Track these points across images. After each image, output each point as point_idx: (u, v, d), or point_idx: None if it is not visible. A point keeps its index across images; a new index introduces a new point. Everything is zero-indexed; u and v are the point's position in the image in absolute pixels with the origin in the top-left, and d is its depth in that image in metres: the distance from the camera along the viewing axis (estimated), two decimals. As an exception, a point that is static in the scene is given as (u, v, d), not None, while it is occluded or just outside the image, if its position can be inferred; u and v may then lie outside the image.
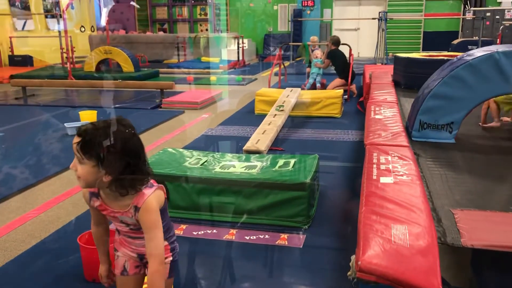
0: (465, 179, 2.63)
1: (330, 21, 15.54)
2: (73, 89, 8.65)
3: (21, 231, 2.86)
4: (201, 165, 3.17)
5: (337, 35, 8.23)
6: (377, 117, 3.91)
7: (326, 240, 2.67)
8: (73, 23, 14.02)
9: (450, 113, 3.37)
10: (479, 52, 3.39)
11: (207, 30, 16.81)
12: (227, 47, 14.33)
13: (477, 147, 3.37)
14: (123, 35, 14.84)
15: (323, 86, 8.04)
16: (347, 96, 7.27)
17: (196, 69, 11.76)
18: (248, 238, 2.69)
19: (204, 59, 13.20)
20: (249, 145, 4.11)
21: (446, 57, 5.64)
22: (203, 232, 2.78)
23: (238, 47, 12.76)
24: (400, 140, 3.15)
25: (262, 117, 5.32)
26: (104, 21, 10.94)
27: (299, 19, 14.45)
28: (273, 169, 3.04)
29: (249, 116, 6.23)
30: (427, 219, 1.88)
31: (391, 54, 11.78)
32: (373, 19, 12.21)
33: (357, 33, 15.62)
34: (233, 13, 16.60)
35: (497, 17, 13.40)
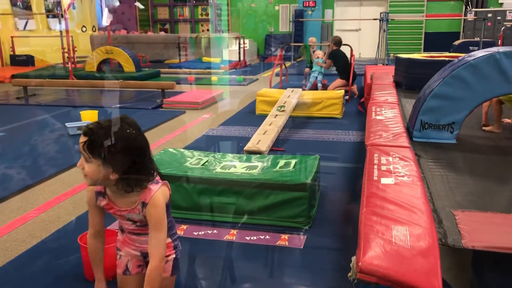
0: (466, 180, 2.62)
1: (331, 21, 15.54)
2: (74, 89, 8.66)
3: (21, 231, 2.86)
4: (202, 165, 3.17)
5: (338, 36, 8.22)
6: (378, 117, 3.90)
7: (326, 240, 2.67)
8: (74, 23, 14.03)
9: (451, 113, 3.37)
10: (480, 52, 3.40)
11: (208, 30, 16.83)
12: (228, 47, 14.33)
13: (478, 147, 3.36)
14: (125, 35, 14.85)
15: (324, 86, 8.04)
16: (348, 96, 7.26)
17: (197, 69, 11.76)
18: (248, 238, 2.69)
19: (205, 59, 13.21)
20: (250, 146, 4.11)
21: (447, 58, 5.64)
22: (203, 232, 2.78)
23: (239, 48, 12.77)
24: (401, 141, 3.15)
25: (263, 117, 5.31)
26: (107, 22, 10.93)
27: (300, 20, 14.46)
28: (274, 170, 3.04)
29: (250, 116, 6.23)
30: (428, 220, 1.87)
31: (392, 54, 11.78)
32: (374, 19, 12.20)
33: (358, 34, 15.61)
34: (234, 13, 16.61)
35: (499, 18, 13.39)
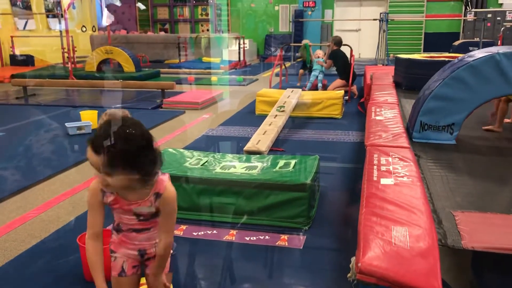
0: (466, 180, 2.62)
1: (331, 22, 15.54)
2: (74, 89, 8.66)
3: (21, 231, 2.86)
4: (202, 165, 3.17)
5: (339, 36, 8.22)
6: (377, 118, 3.90)
7: (326, 241, 2.67)
8: (74, 23, 14.02)
9: (451, 114, 3.37)
10: (480, 53, 3.39)
11: (208, 30, 16.82)
12: (228, 48, 14.33)
13: (478, 148, 3.36)
14: (124, 35, 14.85)
15: (324, 87, 8.04)
16: (348, 97, 7.26)
17: (197, 69, 11.75)
18: (248, 239, 2.69)
19: (205, 59, 13.21)
20: (250, 146, 4.11)
21: (447, 58, 5.64)
22: (203, 232, 2.78)
23: (239, 48, 12.76)
24: (400, 141, 3.15)
25: (262, 117, 5.31)
26: (108, 22, 10.91)
27: (300, 20, 14.46)
28: (274, 170, 3.04)
29: (250, 116, 6.22)
30: (427, 221, 1.87)
31: (392, 55, 11.77)
32: (374, 20, 12.19)
33: (358, 34, 15.61)
34: (234, 13, 16.61)
35: (498, 18, 13.38)
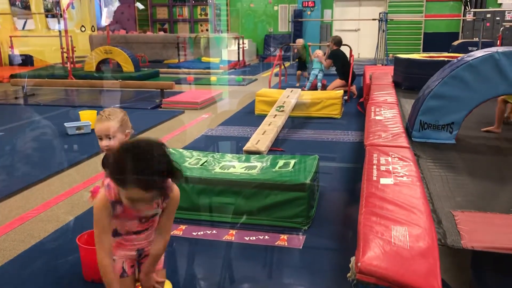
0: (465, 180, 2.62)
1: (330, 21, 15.54)
2: (73, 89, 8.65)
3: (20, 231, 2.85)
4: (201, 165, 3.17)
5: (339, 35, 8.22)
6: (377, 118, 3.90)
7: (325, 241, 2.66)
8: (73, 23, 14.01)
9: (450, 113, 3.37)
10: (479, 52, 3.39)
11: (207, 30, 16.81)
12: (228, 48, 14.32)
13: (477, 148, 3.36)
14: (124, 35, 14.84)
15: (324, 87, 8.04)
16: (347, 97, 7.26)
17: (196, 69, 11.75)
18: (247, 238, 2.69)
19: (204, 59, 13.20)
20: (249, 146, 4.10)
21: (446, 58, 5.64)
22: (202, 232, 2.78)
23: (238, 48, 12.76)
24: (400, 141, 3.15)
25: (262, 117, 5.31)
26: (107, 22, 10.91)
27: (299, 20, 14.46)
28: (273, 170, 3.03)
29: (249, 116, 6.22)
30: (427, 221, 1.87)
31: (391, 55, 11.77)
32: (373, 20, 12.20)
33: (357, 34, 15.61)
34: (233, 13, 16.60)
35: (498, 18, 13.39)
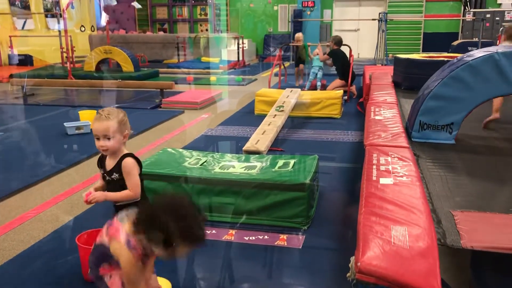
0: (465, 180, 2.62)
1: (330, 21, 15.54)
2: (73, 89, 8.65)
3: (20, 231, 2.85)
4: (201, 165, 3.17)
5: (339, 35, 8.22)
6: (377, 118, 3.90)
7: (325, 241, 2.66)
8: (73, 23, 14.02)
9: (450, 113, 3.37)
10: (479, 53, 3.39)
11: (207, 30, 16.81)
12: (227, 47, 14.33)
13: (477, 148, 3.36)
14: (123, 35, 14.84)
15: (323, 87, 8.05)
16: (347, 97, 7.26)
17: (196, 69, 11.75)
18: (247, 238, 2.69)
19: (204, 59, 13.20)
20: (249, 146, 4.10)
21: (446, 58, 5.64)
22: (202, 232, 2.77)
23: (238, 48, 12.76)
24: (400, 141, 3.15)
25: (262, 117, 5.31)
26: (103, 21, 10.92)
27: (299, 20, 14.46)
28: (273, 170, 3.03)
29: (249, 116, 6.22)
30: (426, 221, 1.87)
31: (391, 55, 11.78)
32: (373, 20, 12.21)
33: (357, 34, 15.61)
34: (233, 13, 16.60)
35: (497, 18, 13.39)
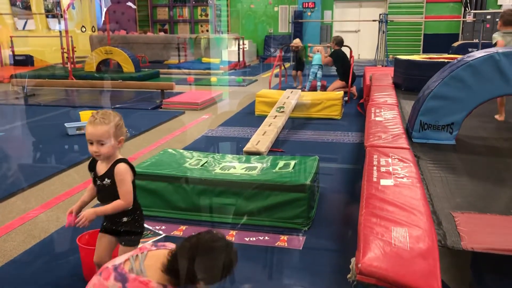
0: (465, 181, 2.63)
1: (330, 22, 15.55)
2: (74, 89, 8.65)
3: (20, 231, 2.85)
4: (201, 166, 3.17)
5: (340, 36, 8.22)
6: (377, 119, 3.91)
7: (326, 242, 2.66)
8: (74, 23, 14.03)
9: (450, 114, 3.37)
10: (479, 53, 3.40)
11: (207, 31, 16.82)
12: (228, 48, 14.34)
13: (477, 149, 3.37)
14: (124, 35, 14.84)
15: (324, 88, 8.05)
16: (347, 98, 7.26)
17: (196, 70, 11.76)
18: (248, 239, 2.69)
19: (204, 60, 13.21)
20: (249, 146, 4.10)
21: (446, 59, 5.65)
22: (202, 233, 2.77)
23: (238, 48, 12.76)
24: (400, 142, 3.15)
25: (262, 118, 5.31)
26: (101, 22, 10.93)
27: (299, 21, 14.48)
28: (273, 171, 3.04)
29: (250, 117, 6.22)
30: (427, 222, 1.87)
31: (391, 56, 11.78)
32: (373, 21, 12.22)
33: (357, 35, 15.62)
34: (234, 14, 16.61)
35: (497, 20, 13.39)
